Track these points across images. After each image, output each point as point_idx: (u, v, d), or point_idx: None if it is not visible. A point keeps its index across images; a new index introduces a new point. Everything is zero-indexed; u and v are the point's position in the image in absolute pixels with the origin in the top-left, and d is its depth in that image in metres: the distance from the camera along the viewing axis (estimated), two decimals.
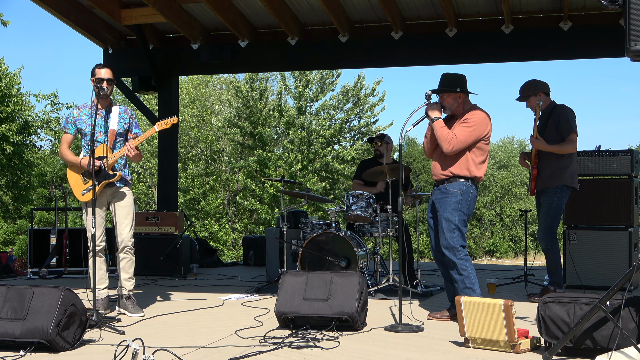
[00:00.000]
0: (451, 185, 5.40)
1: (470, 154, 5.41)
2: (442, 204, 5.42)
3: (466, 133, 5.35)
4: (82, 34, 9.90)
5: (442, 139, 5.37)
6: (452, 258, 5.34)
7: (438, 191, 5.51)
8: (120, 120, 5.91)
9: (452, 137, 5.34)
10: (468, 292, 5.23)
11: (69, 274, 8.95)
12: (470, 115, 5.43)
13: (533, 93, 6.69)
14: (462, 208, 5.36)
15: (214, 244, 26.28)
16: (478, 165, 5.43)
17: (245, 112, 27.40)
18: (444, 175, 5.45)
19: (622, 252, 7.30)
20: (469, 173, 5.39)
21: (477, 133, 5.38)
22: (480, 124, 5.40)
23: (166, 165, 10.60)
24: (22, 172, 23.72)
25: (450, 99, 5.50)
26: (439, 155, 5.54)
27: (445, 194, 5.40)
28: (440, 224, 5.41)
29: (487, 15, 8.90)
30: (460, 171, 5.39)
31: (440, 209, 5.43)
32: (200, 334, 4.97)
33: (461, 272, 5.31)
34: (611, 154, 7.54)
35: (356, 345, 4.53)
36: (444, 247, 5.37)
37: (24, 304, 4.37)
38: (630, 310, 3.96)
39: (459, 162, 5.40)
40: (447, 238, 5.34)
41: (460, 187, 5.37)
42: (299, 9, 9.18)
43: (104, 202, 5.89)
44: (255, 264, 10.95)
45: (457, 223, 5.33)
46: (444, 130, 5.39)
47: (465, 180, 5.39)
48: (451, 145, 5.33)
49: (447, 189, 5.41)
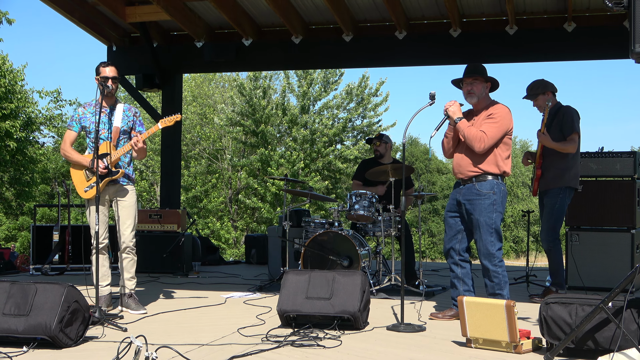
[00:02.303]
0: (481, 185, 5.29)
1: (498, 150, 5.33)
2: (475, 207, 5.30)
3: (494, 129, 5.27)
4: (87, 31, 9.91)
5: (472, 138, 5.26)
6: (487, 265, 5.26)
7: (466, 190, 5.37)
8: (125, 117, 5.92)
9: (482, 135, 5.24)
10: (493, 296, 5.19)
11: (71, 271, 8.97)
12: (494, 110, 5.36)
13: (542, 92, 6.71)
14: (497, 209, 5.27)
15: (216, 242, 26.29)
16: (505, 160, 5.36)
17: (248, 110, 27.41)
18: (473, 172, 5.33)
19: (624, 254, 7.29)
20: (498, 169, 5.32)
21: (504, 127, 5.32)
22: (506, 118, 5.34)
23: (169, 162, 10.61)
24: (25, 169, 23.74)
25: (480, 86, 5.42)
26: (465, 153, 5.41)
27: (478, 196, 5.28)
28: (476, 229, 5.30)
29: (491, 15, 8.90)
30: (489, 167, 5.30)
31: (475, 212, 5.30)
32: (202, 331, 4.97)
33: (493, 279, 5.27)
34: (614, 156, 7.53)
35: (358, 344, 4.53)
36: (481, 255, 5.29)
37: (27, 300, 4.38)
38: (632, 312, 3.96)
39: (488, 159, 5.31)
40: (485, 243, 5.24)
41: (492, 186, 5.27)
42: (303, 8, 9.19)
43: (106, 199, 5.90)
44: (257, 262, 10.95)
45: (494, 226, 5.25)
46: (472, 129, 5.30)
47: (494, 178, 5.30)
48: (483, 143, 5.24)
49: (478, 190, 5.29)
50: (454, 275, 5.52)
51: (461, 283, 5.47)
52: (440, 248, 39.15)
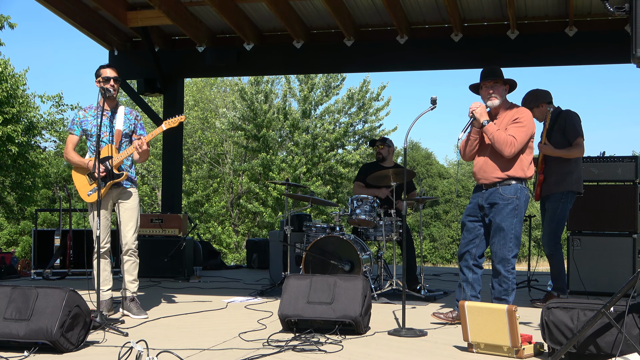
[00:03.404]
0: (505, 189, 5.26)
1: (523, 154, 5.30)
2: (497, 211, 5.26)
3: (522, 133, 5.23)
4: (88, 35, 9.93)
5: (502, 143, 5.20)
6: (500, 269, 5.24)
7: (489, 195, 5.32)
8: (126, 121, 5.92)
9: (512, 140, 5.19)
10: (498, 301, 5.20)
11: (72, 275, 8.97)
12: (519, 114, 5.32)
13: (534, 105, 6.68)
14: (518, 214, 5.24)
15: (217, 247, 26.29)
16: (529, 165, 5.34)
17: (249, 115, 27.44)
18: (498, 178, 5.29)
19: (626, 258, 7.29)
20: (524, 174, 5.29)
21: (530, 131, 5.30)
22: (531, 122, 5.33)
23: (171, 167, 10.62)
24: (27, 173, 23.75)
25: (501, 89, 5.39)
26: (490, 157, 5.36)
27: (501, 200, 5.24)
28: (496, 233, 5.28)
29: (492, 20, 8.92)
30: (516, 173, 5.26)
31: (497, 217, 5.26)
32: (203, 336, 4.97)
33: (502, 284, 5.26)
34: (616, 160, 7.53)
35: (359, 349, 4.53)
36: (496, 258, 5.26)
37: (28, 305, 4.38)
38: (634, 317, 3.96)
39: (514, 164, 5.27)
40: (503, 248, 5.22)
41: (515, 191, 5.24)
42: (304, 13, 9.20)
43: (109, 203, 5.90)
44: (258, 266, 10.95)
45: (514, 232, 5.22)
46: (501, 134, 5.23)
47: (518, 182, 5.27)
48: (513, 147, 5.19)
49: (501, 194, 5.25)
50: (464, 278, 5.46)
51: (470, 287, 5.42)
52: (442, 252, 39.18)
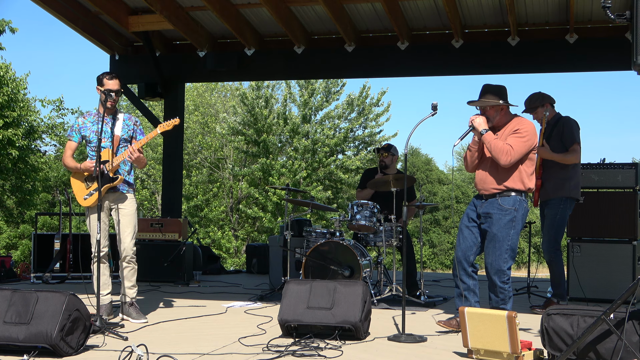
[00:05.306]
0: (504, 200, 5.26)
1: (523, 166, 5.29)
2: (494, 221, 5.26)
3: (521, 144, 5.23)
4: (89, 39, 9.95)
5: (498, 152, 5.21)
6: (496, 281, 5.24)
7: (488, 204, 5.33)
8: (125, 127, 5.95)
9: (509, 148, 5.19)
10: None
11: (72, 279, 8.97)
12: (520, 125, 5.33)
13: (540, 104, 6.73)
14: (515, 226, 5.24)
15: (217, 252, 26.27)
16: (530, 176, 5.33)
17: (250, 120, 27.45)
18: (497, 190, 5.30)
19: (626, 265, 7.29)
20: (523, 186, 5.28)
21: (531, 143, 5.29)
22: (532, 134, 5.33)
23: (171, 171, 10.62)
24: (27, 177, 23.75)
25: (493, 111, 5.39)
26: (489, 169, 5.37)
27: (499, 210, 5.25)
28: (491, 243, 5.28)
29: (493, 26, 8.93)
30: (514, 184, 5.26)
31: (493, 227, 5.26)
32: (203, 341, 4.97)
33: (498, 295, 5.26)
34: (616, 167, 7.54)
35: (359, 355, 4.53)
36: (492, 269, 5.25)
37: (28, 309, 4.38)
38: (634, 324, 3.96)
39: (513, 175, 5.27)
40: (498, 259, 5.22)
41: (514, 203, 5.24)
42: (305, 18, 9.22)
43: (106, 207, 5.90)
44: (258, 271, 10.95)
45: (510, 244, 5.22)
46: (498, 142, 5.25)
47: (518, 194, 5.27)
48: (509, 157, 5.19)
49: (500, 205, 5.25)
50: (465, 287, 5.42)
51: (472, 294, 5.41)
52: (442, 259, 39.09)
